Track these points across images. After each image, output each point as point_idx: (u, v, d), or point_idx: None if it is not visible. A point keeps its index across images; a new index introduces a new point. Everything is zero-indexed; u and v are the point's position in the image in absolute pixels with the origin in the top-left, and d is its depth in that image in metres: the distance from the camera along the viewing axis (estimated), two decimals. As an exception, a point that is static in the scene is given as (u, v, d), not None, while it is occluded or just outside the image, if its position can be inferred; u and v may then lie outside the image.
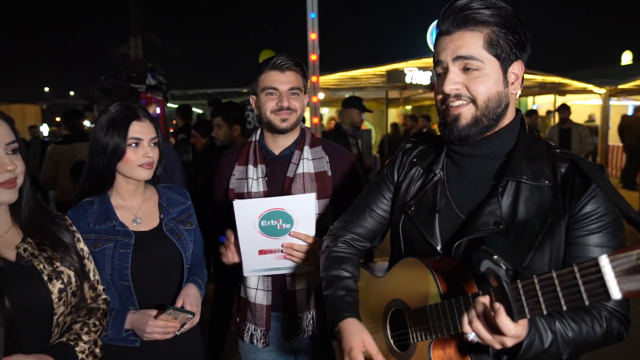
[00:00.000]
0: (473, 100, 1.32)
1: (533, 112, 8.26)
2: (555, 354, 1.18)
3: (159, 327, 1.76)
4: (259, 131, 2.20)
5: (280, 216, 1.86)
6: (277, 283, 2.06)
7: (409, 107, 19.22)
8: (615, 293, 0.86)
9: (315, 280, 2.01)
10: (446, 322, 1.22)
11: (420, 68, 11.44)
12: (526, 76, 15.25)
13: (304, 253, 1.91)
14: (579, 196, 1.26)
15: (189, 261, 1.97)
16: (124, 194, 1.91)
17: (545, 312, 0.98)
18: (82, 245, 1.68)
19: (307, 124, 9.79)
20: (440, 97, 1.38)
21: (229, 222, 2.00)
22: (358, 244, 1.66)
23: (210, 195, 2.32)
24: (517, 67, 1.35)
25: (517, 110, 1.43)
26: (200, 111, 16.43)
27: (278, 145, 2.14)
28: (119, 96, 2.80)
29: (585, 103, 16.04)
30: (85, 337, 1.55)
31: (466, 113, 1.33)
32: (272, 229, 1.88)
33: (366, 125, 9.52)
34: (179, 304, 1.83)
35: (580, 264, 0.92)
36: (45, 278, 1.47)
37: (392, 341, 1.46)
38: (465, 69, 1.32)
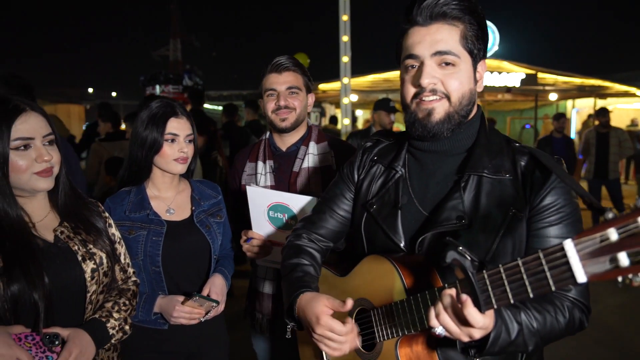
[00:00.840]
0: (447, 96, 1.31)
1: (561, 116, 8.05)
2: (522, 345, 1.18)
3: (185, 312, 1.87)
4: (268, 131, 2.29)
5: (286, 211, 1.94)
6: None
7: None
8: (581, 276, 0.85)
9: None
10: (412, 318, 1.20)
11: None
12: (564, 79, 14.98)
13: None
14: (539, 188, 1.27)
15: (217, 252, 2.07)
16: (159, 186, 2.02)
17: (512, 301, 0.97)
18: (113, 230, 1.80)
19: (339, 125, 9.88)
20: (412, 91, 1.34)
21: (242, 219, 2.15)
22: (320, 243, 1.64)
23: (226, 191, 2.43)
24: (481, 66, 1.37)
25: (478, 106, 1.42)
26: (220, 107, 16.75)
27: (285, 142, 2.22)
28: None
29: (628, 107, 15.56)
30: (115, 315, 1.67)
31: (439, 109, 1.31)
32: (279, 222, 1.97)
33: (399, 127, 9.50)
34: (205, 292, 1.93)
35: (545, 249, 0.91)
36: (80, 258, 1.60)
37: (358, 342, 1.40)
38: (442, 64, 1.30)
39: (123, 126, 6.17)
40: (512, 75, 14.03)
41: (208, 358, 2.08)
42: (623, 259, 0.77)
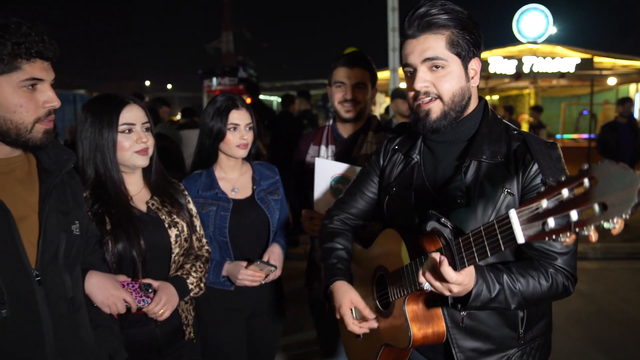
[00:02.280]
0: (439, 97, 1.49)
1: (627, 100, 7.80)
2: (504, 303, 1.37)
3: (248, 275, 2.20)
4: (333, 118, 2.57)
5: (346, 183, 2.20)
6: None
7: (495, 97, 18.74)
8: (520, 238, 1.03)
9: None
10: (412, 279, 1.42)
11: (504, 57, 11.22)
12: (623, 62, 14.42)
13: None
14: (528, 170, 1.44)
15: (275, 225, 2.39)
16: (225, 168, 2.36)
17: (477, 260, 1.17)
18: (191, 206, 2.16)
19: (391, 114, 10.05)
20: (412, 94, 1.53)
21: (305, 194, 2.45)
22: (351, 221, 1.89)
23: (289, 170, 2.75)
24: (475, 63, 1.53)
25: (480, 98, 1.61)
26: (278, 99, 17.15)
27: (347, 129, 2.49)
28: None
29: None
30: (193, 274, 2.02)
31: (435, 108, 1.50)
32: (339, 192, 2.24)
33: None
34: (265, 259, 2.26)
35: (498, 218, 1.10)
36: (166, 225, 1.96)
37: (377, 302, 1.67)
38: (432, 68, 1.48)
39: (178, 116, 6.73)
40: (567, 60, 13.67)
41: (266, 318, 2.42)
42: (550, 222, 0.96)
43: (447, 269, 1.23)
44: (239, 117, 2.28)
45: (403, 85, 11.54)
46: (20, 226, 1.35)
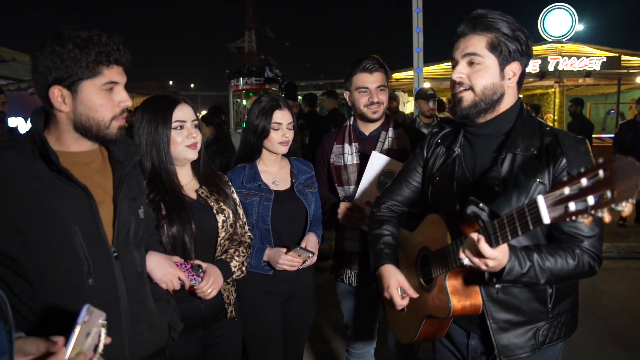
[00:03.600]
0: (472, 88, 1.68)
1: None
2: (534, 278, 1.55)
3: (287, 260, 2.38)
4: (352, 117, 2.75)
5: (392, 178, 2.39)
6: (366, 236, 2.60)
7: (520, 96, 18.60)
8: (545, 219, 1.19)
9: None
10: (454, 256, 1.60)
11: (529, 56, 11.16)
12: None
13: None
14: (558, 161, 1.60)
15: (311, 215, 2.56)
16: (267, 163, 2.55)
17: (509, 239, 1.35)
18: (235, 195, 2.35)
19: (408, 111, 10.21)
20: (451, 84, 1.76)
21: (332, 190, 2.65)
22: (397, 208, 2.08)
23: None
24: (514, 66, 1.69)
25: (518, 98, 1.77)
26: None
27: (368, 128, 2.68)
28: None
29: None
30: (236, 258, 2.21)
31: (466, 97, 1.70)
32: (384, 186, 2.40)
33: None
34: (302, 246, 2.43)
35: (528, 203, 1.26)
36: (214, 212, 2.15)
37: (421, 279, 1.86)
38: (470, 63, 1.68)
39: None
40: (593, 58, 13.55)
41: (300, 302, 2.60)
42: (571, 206, 1.13)
43: (484, 246, 1.40)
44: (282, 117, 2.46)
45: (428, 85, 11.66)
46: (99, 209, 1.54)
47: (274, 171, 2.56)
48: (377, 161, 2.44)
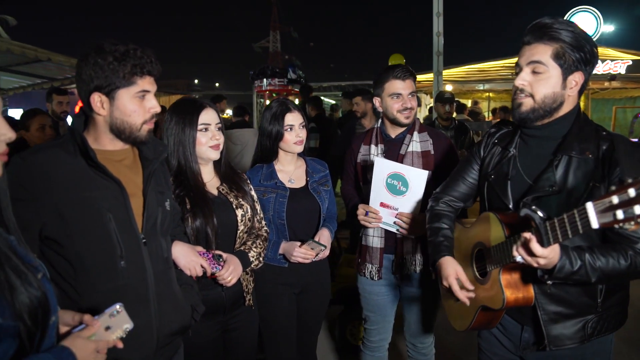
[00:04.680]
0: (532, 95, 1.76)
1: None
2: (585, 276, 1.61)
3: (301, 253, 2.54)
4: (379, 120, 2.90)
5: (401, 180, 2.54)
6: (390, 232, 2.74)
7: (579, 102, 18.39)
8: (594, 224, 1.30)
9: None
10: (508, 253, 1.68)
11: (552, 59, 11.11)
12: None
13: (410, 225, 2.58)
14: (615, 167, 1.66)
15: (325, 212, 2.72)
16: (283, 162, 2.72)
17: (560, 240, 1.43)
18: (253, 193, 2.52)
19: (433, 116, 10.28)
20: (513, 89, 1.83)
21: (358, 188, 2.79)
22: (454, 204, 2.18)
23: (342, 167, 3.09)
24: (577, 76, 1.74)
25: (576, 105, 1.83)
26: (333, 102, 17.48)
27: (394, 131, 2.82)
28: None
29: None
30: (254, 249, 2.38)
31: (526, 103, 1.78)
32: (394, 188, 2.57)
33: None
34: (315, 239, 2.60)
35: (578, 208, 1.36)
36: (234, 207, 2.33)
37: (476, 272, 1.96)
38: (533, 72, 1.75)
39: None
40: (618, 62, 13.38)
41: (315, 293, 2.76)
42: (619, 214, 1.21)
43: (535, 245, 1.50)
44: (293, 119, 2.63)
45: (449, 87, 11.70)
46: (131, 201, 1.73)
47: (290, 170, 2.73)
48: (382, 166, 2.58)
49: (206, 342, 2.28)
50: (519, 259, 1.58)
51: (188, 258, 2.06)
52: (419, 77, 14.63)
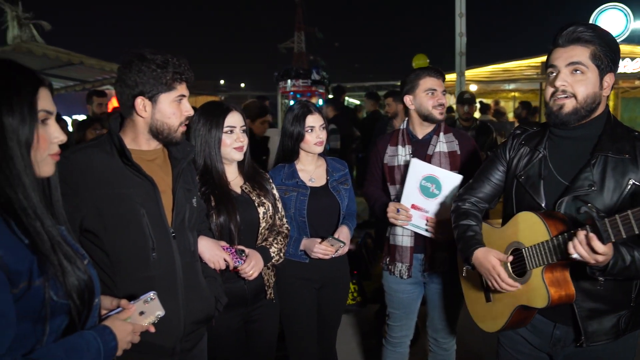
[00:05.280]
0: (574, 96, 1.79)
1: None
2: (634, 271, 1.66)
3: (321, 249, 2.65)
4: (406, 121, 2.97)
5: (435, 182, 2.62)
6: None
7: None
8: None
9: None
10: (555, 250, 1.72)
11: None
12: None
13: (439, 229, 2.66)
14: None
15: (344, 210, 2.83)
16: (304, 162, 2.83)
17: (624, 236, 1.46)
18: (274, 191, 2.64)
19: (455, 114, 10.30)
20: (551, 91, 1.84)
21: (385, 188, 2.91)
22: (479, 204, 2.18)
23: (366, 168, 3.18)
24: (609, 77, 1.81)
25: (606, 106, 1.89)
26: (358, 102, 17.52)
27: (422, 131, 2.89)
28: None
29: None
30: (275, 245, 2.49)
31: (568, 104, 1.80)
32: (426, 190, 2.65)
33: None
34: (335, 236, 2.69)
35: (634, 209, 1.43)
36: (256, 205, 2.45)
37: (511, 272, 1.94)
38: (573, 72, 1.78)
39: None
40: (648, 60, 13.07)
41: (334, 289, 2.86)
42: None
43: (596, 242, 1.53)
44: (314, 120, 2.74)
45: (474, 87, 11.66)
46: (161, 197, 1.87)
47: (311, 169, 2.84)
48: (418, 167, 2.66)
49: (229, 332, 2.40)
50: (575, 256, 1.60)
51: (212, 252, 2.18)
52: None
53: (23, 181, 1.19)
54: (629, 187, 1.74)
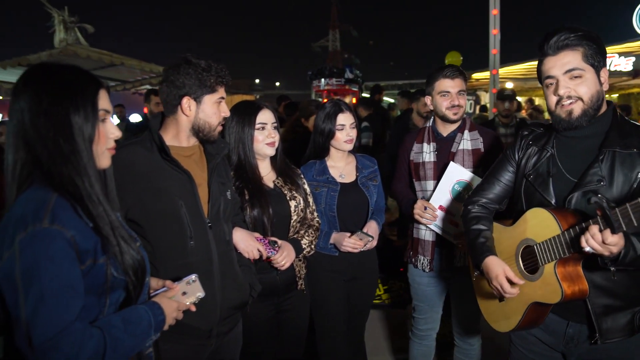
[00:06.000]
0: (580, 99, 1.81)
1: None
2: None
3: (350, 243, 2.73)
4: (432, 119, 3.03)
5: (468, 189, 2.65)
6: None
7: (615, 96, 17.57)
8: None
9: None
10: (567, 244, 1.72)
11: (620, 54, 10.64)
12: None
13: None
14: None
15: (373, 205, 2.90)
16: (334, 159, 2.92)
17: (635, 224, 1.47)
18: (306, 186, 2.74)
19: (490, 113, 10.16)
20: (555, 99, 1.86)
21: (410, 184, 2.99)
22: (490, 206, 2.21)
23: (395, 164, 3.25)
24: (604, 72, 1.86)
25: (609, 102, 1.92)
26: (392, 100, 17.48)
27: (446, 129, 2.95)
28: None
29: None
30: (306, 238, 2.60)
31: (576, 108, 1.82)
32: (458, 195, 2.71)
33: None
34: (364, 230, 2.78)
35: None
36: (288, 198, 2.56)
37: (523, 269, 1.97)
38: (572, 78, 1.81)
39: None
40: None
41: (362, 282, 2.95)
42: None
43: (608, 234, 1.55)
44: (345, 119, 2.83)
45: (510, 85, 11.44)
46: (198, 190, 2.00)
47: (341, 166, 2.93)
48: (454, 171, 2.72)
49: (262, 320, 2.52)
50: (588, 249, 1.61)
51: (247, 242, 2.30)
52: (478, 75, 14.48)
53: (88, 172, 1.35)
54: (639, 180, 1.75)
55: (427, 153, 2.92)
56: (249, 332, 2.40)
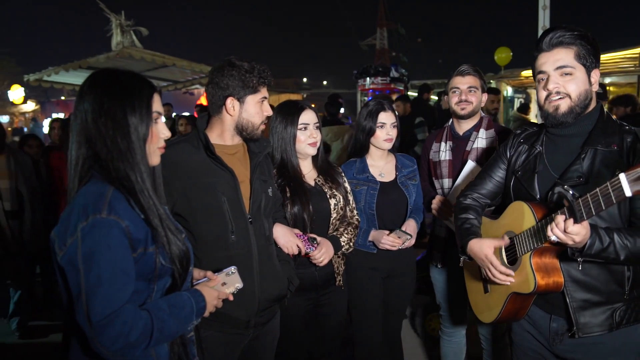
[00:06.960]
0: (568, 96, 1.86)
1: None
2: (614, 254, 1.69)
3: (389, 241, 2.78)
4: (451, 119, 3.07)
5: None
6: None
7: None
8: (627, 192, 1.41)
9: None
10: (539, 235, 1.78)
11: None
12: None
13: None
14: (638, 156, 1.77)
15: (412, 204, 2.94)
16: (374, 157, 2.97)
17: (594, 213, 1.52)
18: (346, 184, 2.80)
19: (532, 113, 9.86)
20: (544, 94, 1.91)
21: (430, 183, 3.02)
22: (481, 200, 2.26)
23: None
24: (595, 73, 1.89)
25: (597, 102, 1.95)
26: (436, 98, 17.23)
27: (462, 128, 2.98)
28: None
29: None
30: (345, 235, 2.66)
31: (563, 104, 1.87)
32: None
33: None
34: (402, 229, 2.81)
35: (610, 181, 1.46)
36: (328, 196, 2.63)
37: (505, 260, 2.01)
38: (563, 75, 1.86)
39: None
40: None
41: (400, 279, 2.99)
42: None
43: (569, 223, 1.60)
44: (386, 117, 2.87)
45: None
46: (240, 186, 2.10)
47: (381, 165, 2.97)
48: (471, 169, 2.74)
49: (299, 313, 2.60)
50: (553, 238, 1.67)
51: (286, 238, 2.38)
52: (527, 73, 13.91)
53: (141, 168, 1.48)
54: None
55: (443, 152, 2.96)
56: (287, 325, 2.48)
